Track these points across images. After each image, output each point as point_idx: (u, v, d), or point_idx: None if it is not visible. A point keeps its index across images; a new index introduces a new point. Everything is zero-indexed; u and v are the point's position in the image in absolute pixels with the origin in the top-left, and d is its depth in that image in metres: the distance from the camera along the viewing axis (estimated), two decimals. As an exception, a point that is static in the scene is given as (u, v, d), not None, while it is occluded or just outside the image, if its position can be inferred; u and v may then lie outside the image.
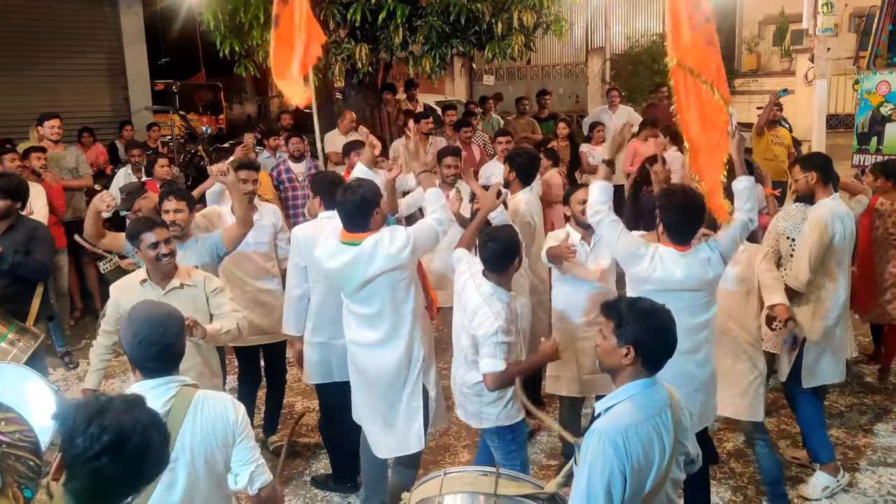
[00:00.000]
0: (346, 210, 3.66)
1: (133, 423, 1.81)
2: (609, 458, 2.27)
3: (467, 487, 2.77)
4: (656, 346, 2.45)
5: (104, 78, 11.99)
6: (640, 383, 2.45)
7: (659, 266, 3.42)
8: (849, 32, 16.44)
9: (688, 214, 3.49)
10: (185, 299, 3.70)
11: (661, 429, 2.38)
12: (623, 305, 2.50)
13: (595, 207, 3.71)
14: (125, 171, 7.67)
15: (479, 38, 8.91)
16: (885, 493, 4.40)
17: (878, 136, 7.80)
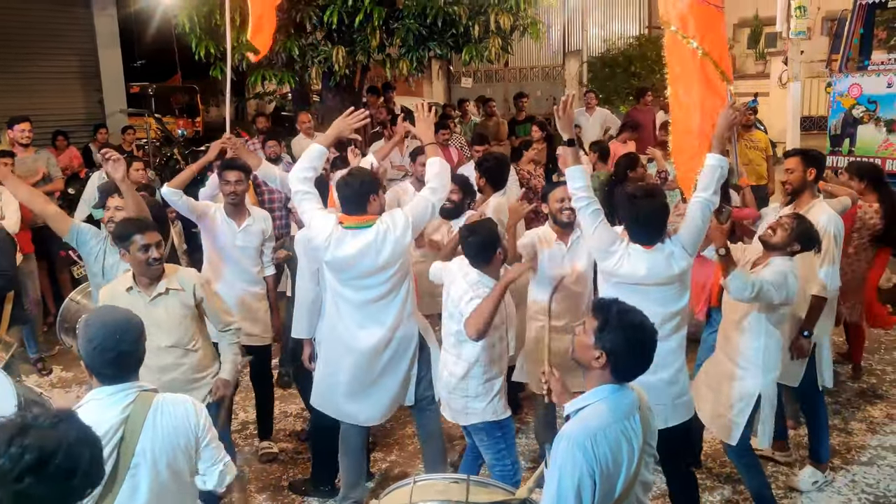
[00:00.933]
0: (347, 194, 3.84)
1: (57, 442, 1.77)
2: (578, 463, 2.27)
3: (438, 496, 2.76)
4: (629, 361, 2.44)
5: (78, 80, 11.84)
6: (609, 388, 2.44)
7: (626, 262, 3.48)
8: (821, 35, 16.64)
9: (650, 219, 3.53)
10: (172, 305, 3.70)
11: (630, 432, 2.38)
12: (613, 310, 2.45)
13: (577, 194, 3.62)
14: (99, 174, 7.59)
15: (456, 41, 8.91)
16: (860, 491, 4.45)
17: (850, 138, 7.89)
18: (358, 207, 3.84)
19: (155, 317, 3.61)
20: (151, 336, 3.46)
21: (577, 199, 3.63)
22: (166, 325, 3.69)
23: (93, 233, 4.41)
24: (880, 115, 7.62)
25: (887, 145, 7.55)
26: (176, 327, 3.73)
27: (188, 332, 3.77)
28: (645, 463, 2.46)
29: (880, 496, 4.39)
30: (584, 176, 3.63)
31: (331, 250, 3.82)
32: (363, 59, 9.03)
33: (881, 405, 5.49)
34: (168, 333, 3.71)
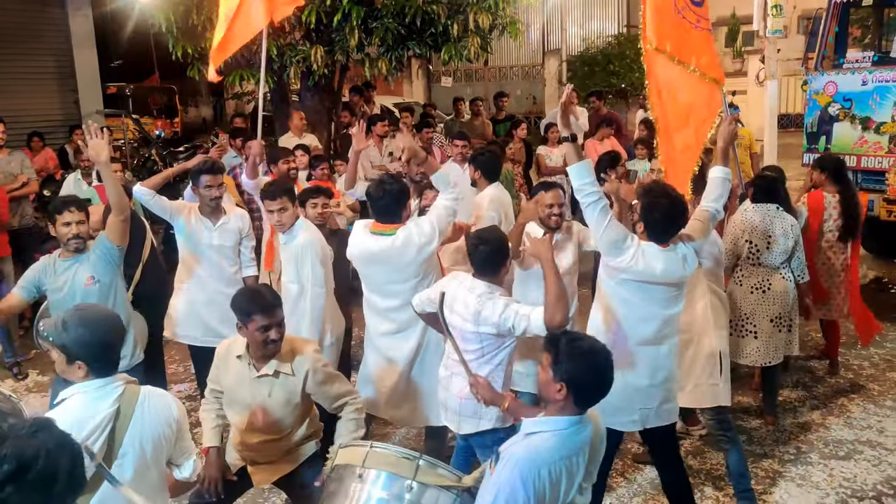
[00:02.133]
0: (382, 204, 4.04)
1: (36, 450, 1.76)
2: (517, 490, 2.37)
3: (388, 467, 2.84)
4: (589, 387, 2.51)
5: (53, 81, 11.72)
6: (568, 420, 2.51)
7: (641, 259, 3.41)
8: (798, 34, 16.82)
9: (671, 218, 3.48)
10: (277, 391, 3.39)
11: (574, 468, 2.48)
12: (563, 342, 2.54)
13: (584, 190, 3.43)
14: (75, 175, 7.52)
15: (436, 40, 8.89)
16: (837, 485, 4.49)
17: (826, 136, 7.95)
18: (389, 216, 4.09)
19: (256, 394, 3.39)
20: (247, 411, 3.42)
21: (586, 196, 3.44)
22: (265, 406, 3.41)
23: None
24: (855, 113, 7.68)
25: (862, 142, 7.62)
26: (274, 412, 3.41)
27: (286, 420, 3.45)
28: (581, 492, 2.56)
29: (857, 490, 4.43)
30: (590, 171, 3.49)
31: (358, 252, 4.16)
32: (342, 59, 9.00)
33: (858, 400, 5.55)
34: (264, 416, 3.42)
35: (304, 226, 4.55)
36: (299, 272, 4.44)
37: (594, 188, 3.45)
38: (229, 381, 3.49)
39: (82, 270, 4.16)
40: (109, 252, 4.22)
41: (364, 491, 2.82)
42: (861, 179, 7.64)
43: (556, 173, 8.80)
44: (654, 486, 4.49)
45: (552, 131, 9.06)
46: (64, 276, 4.17)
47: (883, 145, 7.47)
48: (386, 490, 2.81)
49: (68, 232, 4.04)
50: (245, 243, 5.05)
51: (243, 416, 3.45)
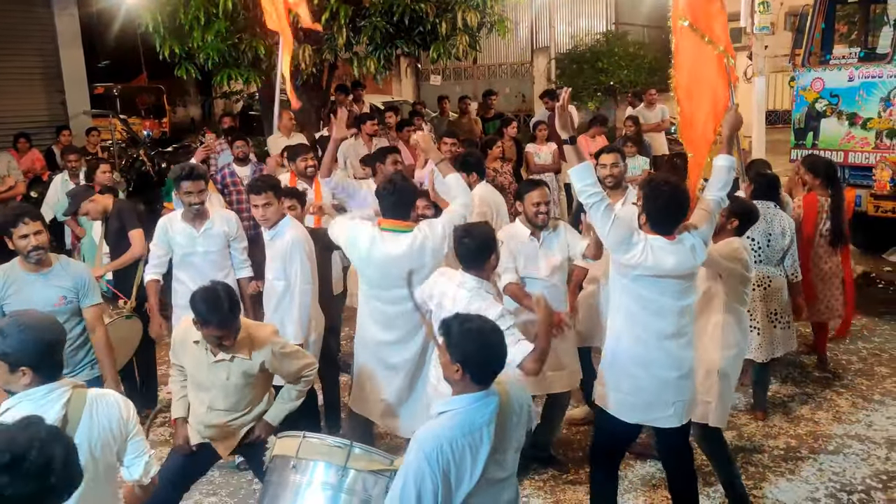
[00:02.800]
0: (394, 200, 4.04)
1: (29, 440, 1.77)
2: (422, 468, 2.48)
3: (321, 456, 2.92)
4: (481, 364, 2.61)
5: (39, 81, 11.64)
6: (470, 398, 2.60)
7: (650, 255, 3.40)
8: (785, 30, 16.87)
9: (673, 208, 3.47)
10: (234, 373, 3.53)
11: (477, 442, 2.55)
12: (454, 325, 2.65)
13: (586, 191, 3.45)
14: (62, 176, 7.47)
15: (424, 39, 8.89)
16: (826, 479, 4.51)
17: (813, 132, 7.99)
18: (401, 213, 4.07)
19: (214, 378, 3.55)
20: (209, 394, 3.57)
21: (589, 196, 3.46)
22: (224, 389, 3.56)
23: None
24: (842, 109, 7.72)
25: (849, 138, 7.66)
26: (233, 393, 3.58)
27: (245, 399, 3.62)
28: (496, 462, 2.64)
29: (846, 484, 4.45)
30: (591, 173, 3.51)
31: (368, 250, 4.05)
32: (330, 58, 8.99)
33: (846, 394, 5.58)
34: (225, 397, 3.58)
35: (290, 223, 4.53)
36: (286, 270, 4.43)
37: (596, 188, 3.47)
38: (187, 363, 3.63)
39: (52, 286, 3.91)
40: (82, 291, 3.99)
41: (304, 481, 2.91)
42: (848, 175, 7.69)
43: (544, 171, 8.82)
44: (646, 482, 4.51)
45: (540, 129, 9.08)
46: (27, 290, 3.87)
47: (870, 141, 7.51)
48: (324, 479, 2.90)
49: (27, 244, 3.76)
50: (234, 245, 4.95)
51: (203, 398, 3.60)
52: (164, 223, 4.88)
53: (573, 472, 4.62)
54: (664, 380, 3.54)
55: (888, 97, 7.36)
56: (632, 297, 3.53)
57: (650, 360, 3.52)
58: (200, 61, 8.80)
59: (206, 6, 8.16)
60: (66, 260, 4.09)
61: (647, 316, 3.51)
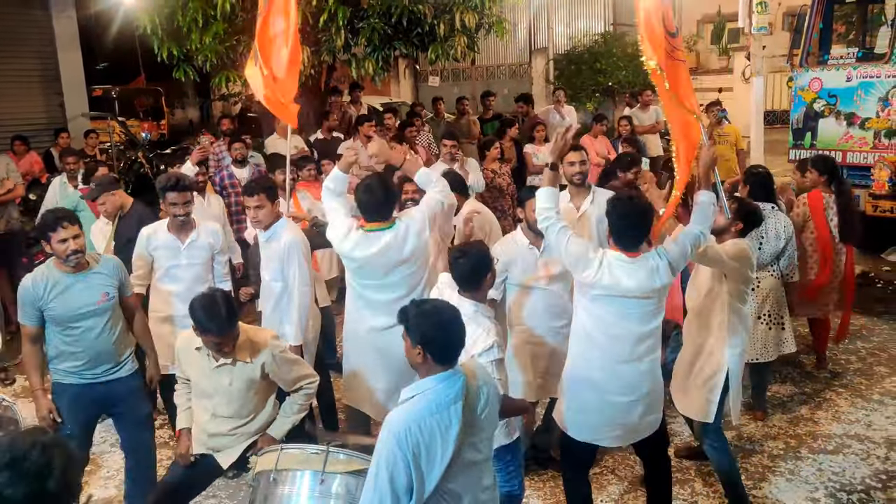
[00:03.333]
0: (371, 202, 4.03)
1: (31, 443, 1.78)
2: (393, 450, 2.53)
3: (300, 465, 2.98)
4: (441, 343, 2.68)
5: (37, 84, 11.65)
6: (435, 378, 2.67)
7: (606, 273, 3.41)
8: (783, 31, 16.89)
9: (632, 220, 3.48)
10: (237, 378, 3.55)
11: (447, 422, 2.60)
12: (411, 310, 2.74)
13: (543, 214, 3.66)
14: (60, 179, 7.46)
15: (422, 40, 8.89)
16: (826, 479, 4.51)
17: (811, 132, 8.00)
18: (381, 213, 4.07)
19: (217, 384, 3.57)
20: (212, 400, 3.59)
21: (545, 219, 3.63)
22: (227, 394, 3.58)
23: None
24: (840, 109, 7.74)
25: (847, 138, 7.67)
26: (236, 399, 3.60)
27: (248, 405, 3.63)
28: (470, 444, 2.69)
29: (846, 484, 4.46)
30: (553, 198, 3.67)
31: (350, 250, 4.07)
32: (328, 59, 8.98)
33: (846, 394, 5.58)
34: (228, 403, 3.60)
35: (286, 225, 4.51)
36: (284, 271, 4.42)
37: (553, 213, 3.63)
38: (192, 372, 3.66)
39: (94, 285, 3.94)
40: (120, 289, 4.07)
41: (287, 492, 2.96)
42: (846, 175, 7.69)
43: (542, 171, 8.81)
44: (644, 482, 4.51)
45: (538, 130, 9.07)
46: (70, 292, 3.89)
47: (868, 141, 7.53)
48: (306, 487, 2.94)
49: (66, 248, 3.78)
50: (218, 258, 4.86)
51: (207, 406, 3.62)
52: (148, 233, 4.78)
53: (573, 473, 4.62)
54: (614, 403, 3.57)
55: (886, 97, 7.38)
56: (591, 319, 3.56)
57: (602, 383, 3.54)
58: (198, 63, 8.80)
59: (203, 8, 8.16)
60: (105, 257, 4.13)
61: (603, 339, 3.52)
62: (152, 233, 4.77)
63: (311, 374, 3.74)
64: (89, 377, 3.98)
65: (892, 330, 6.76)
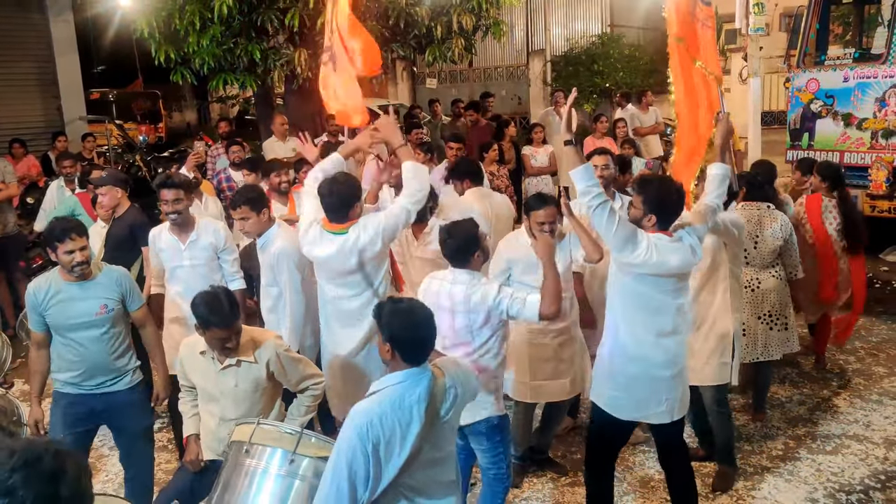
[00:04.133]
0: (331, 202, 3.95)
1: (45, 447, 1.78)
2: (353, 444, 2.58)
3: (273, 442, 3.01)
4: (409, 342, 2.73)
5: (35, 87, 11.64)
6: (401, 374, 2.71)
7: (655, 253, 3.43)
8: (780, 31, 16.92)
9: (675, 198, 3.54)
10: (243, 378, 3.53)
11: (408, 419, 2.64)
12: (385, 307, 2.79)
13: (589, 193, 3.43)
14: (57, 183, 7.45)
15: (419, 42, 8.91)
16: (825, 479, 4.51)
17: (809, 133, 8.01)
18: (339, 215, 3.97)
19: (223, 386, 3.54)
20: (219, 404, 3.57)
21: (592, 199, 3.42)
22: (233, 397, 3.55)
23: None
24: (837, 110, 7.75)
25: (845, 139, 7.68)
26: (243, 401, 3.56)
27: (255, 407, 3.58)
28: (432, 443, 2.72)
29: (845, 484, 4.46)
30: (592, 174, 3.50)
31: (307, 246, 4.05)
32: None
33: (844, 394, 5.58)
34: (235, 406, 3.56)
35: (278, 231, 4.45)
36: (277, 278, 4.41)
37: (598, 190, 3.45)
38: (197, 377, 3.63)
39: (92, 298, 3.92)
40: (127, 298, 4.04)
41: (256, 465, 3.00)
42: (844, 175, 7.69)
43: (541, 173, 8.82)
44: (644, 484, 4.51)
45: (536, 131, 9.08)
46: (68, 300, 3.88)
47: (865, 141, 7.53)
48: (275, 463, 2.98)
49: (72, 260, 3.78)
50: (224, 256, 4.75)
51: (214, 411, 3.60)
52: (153, 234, 4.82)
53: (571, 475, 4.62)
54: (659, 377, 3.60)
55: (883, 97, 7.39)
56: (631, 295, 3.57)
57: (647, 357, 3.57)
58: (196, 66, 8.79)
59: (201, 11, 8.16)
60: (109, 268, 4.07)
61: (645, 314, 3.56)
62: (157, 234, 4.79)
63: (316, 374, 3.73)
64: (86, 388, 3.96)
65: (891, 330, 6.76)
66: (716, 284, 4.26)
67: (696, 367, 4.21)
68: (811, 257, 5.67)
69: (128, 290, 4.04)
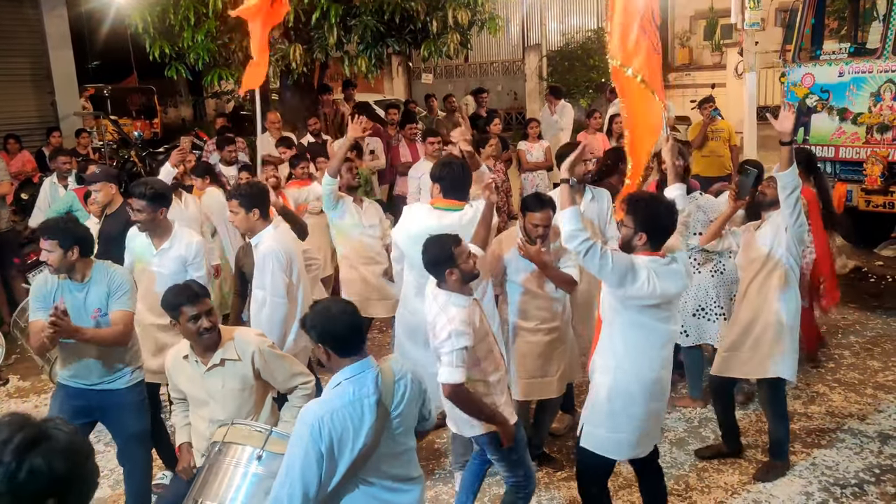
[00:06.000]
0: (452, 178, 4.24)
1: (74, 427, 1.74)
2: (305, 439, 2.63)
3: (243, 440, 3.11)
4: (335, 336, 2.76)
5: (28, 82, 11.59)
6: (347, 370, 2.76)
7: (656, 282, 3.33)
8: (775, 26, 16.91)
9: (667, 218, 3.45)
10: (229, 378, 3.51)
11: (360, 414, 2.68)
12: (309, 312, 2.84)
13: (577, 238, 3.39)
14: (51, 179, 7.42)
15: (415, 37, 8.90)
16: (819, 473, 4.53)
17: (804, 127, 7.99)
18: (456, 193, 4.24)
19: (210, 388, 3.52)
20: (208, 407, 3.55)
21: (580, 243, 3.37)
22: (220, 398, 3.51)
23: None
24: (833, 104, 7.73)
25: (840, 133, 7.67)
26: (231, 401, 3.52)
27: (245, 407, 3.54)
28: (388, 437, 2.76)
29: (840, 478, 4.47)
30: (577, 218, 3.44)
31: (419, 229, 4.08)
32: (321, 57, 8.97)
33: (839, 389, 5.60)
34: (223, 407, 3.51)
35: (270, 233, 4.38)
36: (262, 279, 4.36)
37: (585, 235, 3.40)
38: (184, 384, 3.62)
39: (87, 303, 3.85)
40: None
41: (227, 462, 3.08)
42: (839, 170, 7.70)
43: (537, 168, 8.82)
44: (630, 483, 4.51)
45: (532, 126, 9.08)
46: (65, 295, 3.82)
47: (860, 136, 7.53)
48: (244, 460, 3.07)
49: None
50: (190, 272, 4.42)
51: (204, 414, 3.58)
52: (132, 232, 4.68)
53: (567, 469, 4.63)
54: (656, 411, 3.58)
55: (878, 92, 7.38)
56: (634, 328, 3.45)
57: (651, 394, 3.50)
58: (191, 61, 8.78)
59: (195, 6, 8.15)
60: (107, 267, 3.94)
61: (651, 349, 3.46)
62: (135, 232, 4.66)
63: (304, 373, 3.70)
64: (83, 384, 3.95)
65: (885, 325, 6.78)
66: (772, 278, 4.33)
67: (757, 361, 4.36)
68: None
69: (118, 289, 3.89)
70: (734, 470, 4.59)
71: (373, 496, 2.77)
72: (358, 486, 2.75)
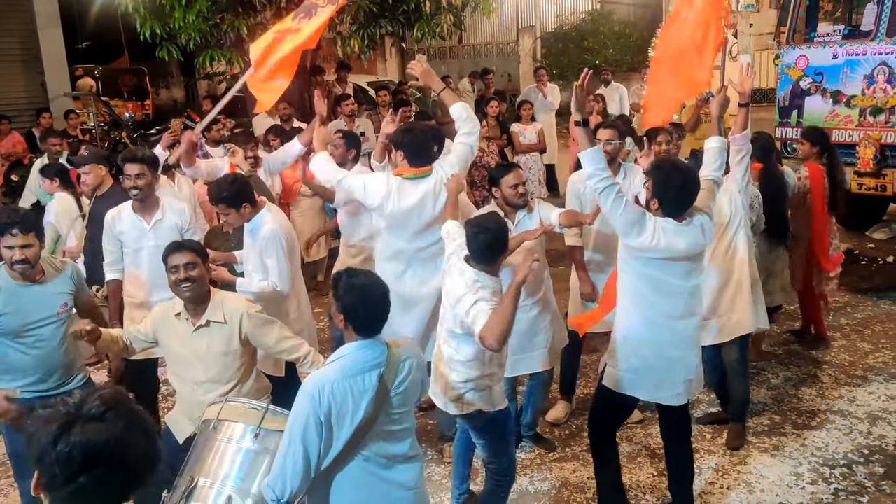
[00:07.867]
0: (414, 145, 4.21)
1: (105, 437, 1.60)
2: (306, 409, 2.66)
3: (238, 418, 3.10)
4: (362, 316, 2.77)
5: (18, 63, 11.53)
6: (354, 345, 2.78)
7: (662, 237, 3.40)
8: (769, 8, 16.86)
9: (686, 192, 3.47)
10: (214, 340, 3.49)
11: (361, 388, 2.69)
12: (342, 279, 2.81)
13: (597, 176, 3.43)
14: (41, 161, 7.37)
15: (408, 18, 8.83)
16: (809, 454, 4.56)
17: (798, 110, 8.00)
18: (422, 158, 4.21)
19: (195, 348, 3.51)
20: (191, 368, 3.54)
21: (599, 181, 3.42)
22: (204, 359, 3.50)
23: None
24: (826, 87, 7.73)
25: (833, 116, 7.67)
26: (213, 364, 3.50)
27: (227, 371, 3.52)
28: (386, 414, 2.77)
29: (829, 458, 4.51)
30: (601, 157, 3.50)
31: (393, 202, 4.17)
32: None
33: (829, 370, 5.63)
34: (206, 369, 3.50)
35: (270, 216, 4.30)
36: (264, 261, 4.24)
37: (606, 173, 3.46)
38: (173, 343, 3.59)
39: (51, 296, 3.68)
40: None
41: (222, 440, 3.06)
42: (832, 152, 7.71)
43: (530, 150, 8.81)
44: (631, 460, 4.55)
45: (524, 108, 9.05)
46: (24, 302, 3.60)
47: (853, 118, 7.53)
48: (240, 437, 3.06)
49: (11, 256, 3.48)
50: (188, 237, 4.34)
51: (187, 377, 3.58)
52: (113, 215, 4.54)
53: (560, 450, 4.66)
54: (676, 359, 3.62)
55: (872, 74, 7.37)
56: (641, 279, 3.56)
57: (660, 340, 3.58)
58: (182, 42, 8.69)
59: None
60: (60, 262, 3.86)
61: (656, 297, 3.55)
62: (116, 215, 4.53)
63: (292, 338, 3.63)
64: (40, 391, 3.63)
65: (876, 307, 6.81)
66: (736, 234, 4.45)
67: (737, 320, 4.46)
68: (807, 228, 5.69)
69: (81, 282, 3.89)
70: (724, 451, 4.62)
71: (371, 473, 2.78)
72: (356, 463, 2.76)
